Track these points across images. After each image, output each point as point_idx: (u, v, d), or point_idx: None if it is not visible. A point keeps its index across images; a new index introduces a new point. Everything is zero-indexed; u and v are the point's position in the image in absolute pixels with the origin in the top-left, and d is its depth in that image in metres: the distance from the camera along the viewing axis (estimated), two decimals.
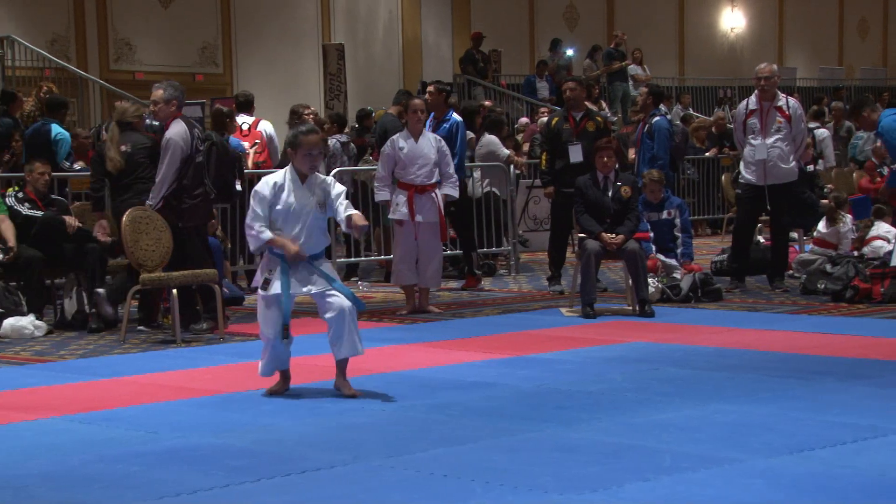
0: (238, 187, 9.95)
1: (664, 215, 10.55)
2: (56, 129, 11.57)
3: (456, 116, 10.97)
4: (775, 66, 10.76)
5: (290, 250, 6.16)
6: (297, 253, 6.17)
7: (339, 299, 6.17)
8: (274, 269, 6.20)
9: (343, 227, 6.32)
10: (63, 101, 12.23)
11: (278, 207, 6.23)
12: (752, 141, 10.46)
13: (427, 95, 10.98)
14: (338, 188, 6.31)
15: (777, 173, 10.40)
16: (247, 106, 12.83)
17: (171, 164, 8.62)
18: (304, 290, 6.20)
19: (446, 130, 10.65)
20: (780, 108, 10.48)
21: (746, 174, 10.57)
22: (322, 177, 6.37)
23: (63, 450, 5.16)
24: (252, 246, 6.37)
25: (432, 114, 10.93)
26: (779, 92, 10.63)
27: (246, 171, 11.07)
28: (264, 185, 6.28)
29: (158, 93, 8.75)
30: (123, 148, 8.95)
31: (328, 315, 6.17)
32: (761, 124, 10.42)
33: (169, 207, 8.71)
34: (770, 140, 10.38)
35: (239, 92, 13.96)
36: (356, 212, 6.25)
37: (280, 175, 6.32)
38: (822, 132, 17.42)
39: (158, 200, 8.67)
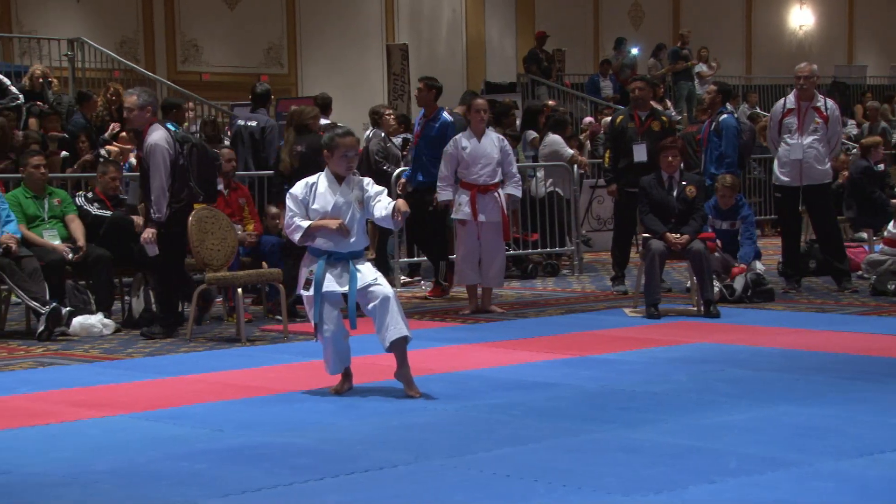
0: (220, 187, 9.79)
1: (727, 225, 10.34)
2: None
3: (447, 116, 10.66)
4: (815, 66, 10.61)
5: (333, 226, 6.18)
6: (340, 225, 6.18)
7: (380, 288, 6.14)
8: (313, 268, 6.22)
9: (382, 223, 6.32)
10: (174, 103, 12.43)
11: (315, 207, 6.25)
12: (788, 140, 10.36)
13: (415, 92, 10.81)
14: (375, 188, 6.33)
15: (812, 174, 10.29)
16: (325, 108, 13.06)
17: (163, 170, 8.38)
18: (344, 289, 6.20)
19: (436, 130, 10.42)
20: (817, 109, 10.35)
21: (781, 175, 10.44)
22: (359, 177, 6.40)
23: (130, 447, 5.22)
24: (294, 238, 6.34)
25: (422, 111, 10.78)
26: (817, 92, 10.53)
27: None
28: (297, 186, 6.35)
29: (132, 99, 8.55)
30: (299, 148, 9.38)
31: (371, 306, 6.16)
32: (799, 124, 10.30)
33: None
34: (807, 140, 10.26)
35: (318, 94, 14.12)
36: (399, 199, 6.28)
37: (315, 177, 6.37)
38: None
39: (165, 211, 8.41)
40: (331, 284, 6.20)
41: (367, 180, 6.41)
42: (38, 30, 17.86)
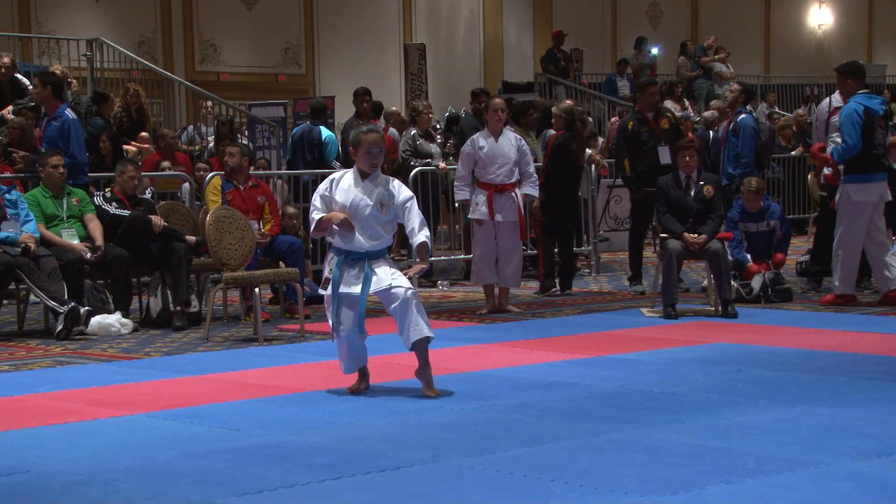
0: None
1: (763, 226, 10.30)
2: (325, 133, 12.27)
3: (69, 113, 9.80)
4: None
5: (337, 219, 6.18)
6: (344, 220, 6.17)
7: (401, 289, 6.15)
8: (332, 267, 6.24)
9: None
10: (324, 105, 12.75)
11: (337, 203, 6.27)
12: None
13: (33, 88, 10.21)
14: (404, 194, 6.31)
15: None
16: (378, 110, 13.28)
17: None
18: (358, 290, 6.19)
19: (57, 129, 9.68)
20: None
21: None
22: (387, 178, 6.39)
23: (149, 446, 5.24)
24: (311, 231, 6.43)
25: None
26: None
27: None
28: (324, 182, 6.40)
29: None
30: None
31: (392, 307, 6.17)
32: None
33: None
34: None
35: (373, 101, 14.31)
36: (424, 242, 6.25)
37: (341, 173, 6.41)
38: None
39: None
40: (347, 286, 6.21)
41: (396, 183, 6.39)
42: (57, 30, 17.95)
